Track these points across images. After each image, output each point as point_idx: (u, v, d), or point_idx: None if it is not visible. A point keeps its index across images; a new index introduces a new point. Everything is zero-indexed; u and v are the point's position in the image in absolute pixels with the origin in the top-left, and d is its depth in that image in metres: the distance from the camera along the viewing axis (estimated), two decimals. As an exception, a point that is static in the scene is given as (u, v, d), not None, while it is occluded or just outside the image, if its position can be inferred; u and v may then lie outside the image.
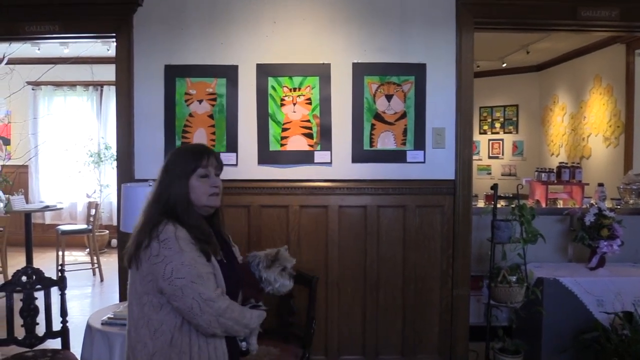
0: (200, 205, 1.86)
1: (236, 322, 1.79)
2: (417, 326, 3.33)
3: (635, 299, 3.31)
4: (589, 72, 6.43)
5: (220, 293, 1.77)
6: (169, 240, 1.72)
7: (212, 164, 1.89)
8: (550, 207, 3.97)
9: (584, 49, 6.47)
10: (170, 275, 1.70)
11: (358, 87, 3.23)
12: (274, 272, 1.98)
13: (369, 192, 3.25)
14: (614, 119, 5.80)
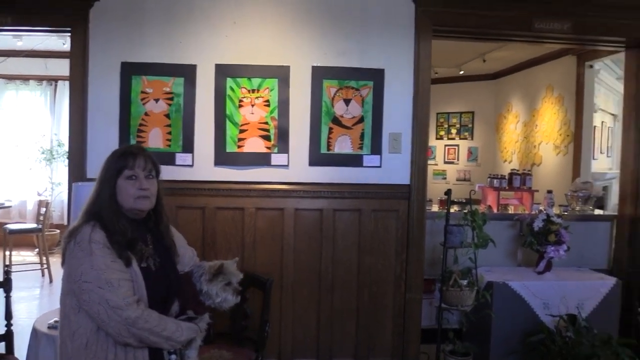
0: (128, 208, 1.82)
1: (153, 334, 1.72)
2: (370, 329, 3.36)
3: (579, 302, 3.43)
4: (542, 82, 6.65)
5: (134, 301, 1.71)
6: (82, 242, 1.69)
7: (139, 165, 1.84)
8: (501, 212, 4.09)
9: (537, 59, 6.68)
10: (79, 278, 1.67)
11: (317, 90, 3.24)
12: (216, 285, 1.90)
13: (326, 195, 3.26)
14: (564, 128, 6.01)
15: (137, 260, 1.78)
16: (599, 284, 3.51)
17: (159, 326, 1.74)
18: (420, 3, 3.26)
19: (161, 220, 1.96)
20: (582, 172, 5.66)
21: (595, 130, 6.25)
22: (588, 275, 3.67)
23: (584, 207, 4.12)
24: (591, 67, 5.81)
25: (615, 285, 3.51)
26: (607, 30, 3.51)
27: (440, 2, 3.27)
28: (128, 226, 1.80)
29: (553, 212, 3.69)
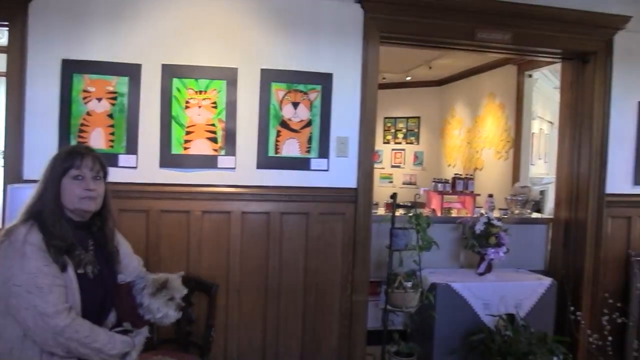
0: (72, 209, 1.76)
1: (82, 345, 1.65)
2: (317, 332, 3.37)
3: (517, 302, 3.57)
4: (484, 89, 6.88)
5: (65, 309, 1.63)
6: (16, 242, 1.63)
7: (87, 165, 1.79)
8: (444, 216, 4.20)
9: (480, 67, 6.91)
10: (9, 280, 1.60)
11: (265, 93, 3.23)
12: (158, 300, 1.82)
13: (273, 198, 3.25)
14: (505, 134, 6.24)
15: (75, 265, 1.71)
16: (535, 285, 3.66)
17: (90, 337, 1.67)
18: (369, 10, 3.30)
19: (106, 224, 1.89)
20: (521, 176, 5.89)
21: (534, 136, 6.52)
22: (526, 276, 3.82)
23: (522, 211, 4.28)
24: (530, 76, 6.06)
25: (551, 285, 3.67)
26: (545, 42, 3.67)
27: (388, 10, 3.32)
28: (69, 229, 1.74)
29: (493, 216, 3.82)
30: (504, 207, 4.42)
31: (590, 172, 3.77)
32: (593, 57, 3.75)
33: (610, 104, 3.76)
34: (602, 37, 3.72)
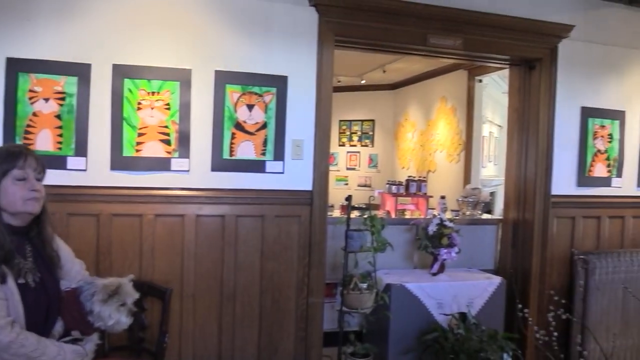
0: (15, 212, 1.66)
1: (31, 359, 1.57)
2: (273, 335, 3.36)
3: (469, 301, 3.67)
4: (436, 93, 7.03)
5: (8, 324, 1.55)
6: None
7: (30, 165, 1.70)
8: (398, 217, 4.27)
9: (432, 72, 7.06)
10: None
11: (219, 95, 3.20)
12: (110, 307, 1.74)
13: (228, 201, 3.22)
14: (456, 137, 6.40)
15: (14, 275, 1.61)
16: (486, 284, 3.77)
17: (38, 350, 1.59)
18: (323, 13, 3.33)
19: (44, 228, 1.79)
20: (472, 179, 6.06)
21: (484, 140, 6.72)
22: (477, 276, 3.93)
23: (473, 212, 4.40)
24: (480, 81, 6.25)
25: (501, 284, 3.79)
26: (494, 49, 3.78)
27: (342, 14, 3.35)
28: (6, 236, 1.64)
29: (446, 217, 3.91)
30: (456, 209, 4.53)
31: (537, 174, 3.91)
32: (539, 63, 3.90)
33: (555, 109, 3.92)
34: (547, 45, 3.88)
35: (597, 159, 4.08)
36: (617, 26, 4.10)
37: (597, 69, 4.05)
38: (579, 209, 4.05)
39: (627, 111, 4.18)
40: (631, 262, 3.97)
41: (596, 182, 4.10)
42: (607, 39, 4.07)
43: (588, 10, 3.99)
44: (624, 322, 3.94)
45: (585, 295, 3.85)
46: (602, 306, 3.87)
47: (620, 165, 4.17)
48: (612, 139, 4.12)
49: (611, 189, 4.16)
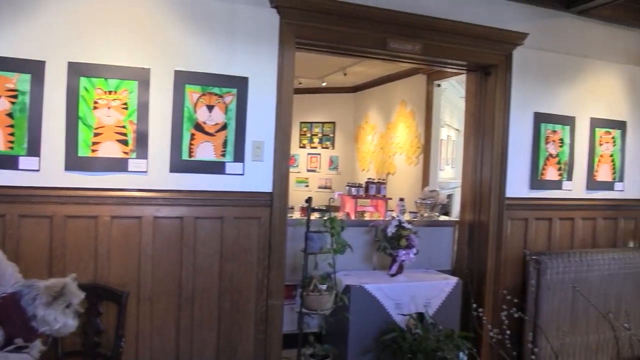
0: None
1: None
2: (232, 337, 3.34)
3: (426, 301, 3.73)
4: (396, 97, 7.13)
5: None
6: None
7: None
8: (358, 219, 4.30)
9: (392, 76, 7.16)
10: None
11: (178, 95, 3.16)
12: (55, 309, 1.66)
13: (187, 203, 3.18)
14: (415, 140, 6.50)
15: None
16: (443, 284, 3.84)
17: None
18: (285, 15, 3.33)
19: None
20: (430, 181, 6.17)
21: (442, 143, 6.85)
22: (434, 276, 4.00)
23: (431, 214, 4.48)
24: (439, 85, 6.37)
25: (457, 284, 3.87)
26: (451, 54, 3.87)
27: (303, 16, 3.37)
28: None
29: (404, 219, 3.97)
30: (414, 211, 4.60)
31: (492, 177, 4.03)
32: (494, 70, 4.01)
33: (510, 114, 4.04)
34: (503, 52, 3.99)
35: (549, 162, 4.23)
36: (568, 35, 4.27)
37: (549, 76, 4.20)
38: (531, 211, 4.19)
39: (577, 117, 4.34)
40: (580, 262, 4.12)
41: (548, 185, 4.24)
42: (559, 47, 4.23)
43: (541, 19, 4.13)
44: (573, 320, 4.09)
45: (537, 294, 3.98)
46: (553, 305, 4.01)
47: (570, 169, 4.33)
48: (563, 143, 4.28)
49: (562, 192, 4.31)
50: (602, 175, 4.48)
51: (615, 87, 4.52)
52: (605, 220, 4.52)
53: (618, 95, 4.54)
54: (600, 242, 4.49)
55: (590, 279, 4.15)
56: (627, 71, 4.55)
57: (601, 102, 4.45)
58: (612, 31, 4.46)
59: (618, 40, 4.51)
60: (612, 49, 4.48)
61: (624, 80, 4.55)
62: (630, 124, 4.59)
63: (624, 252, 4.38)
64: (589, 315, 4.07)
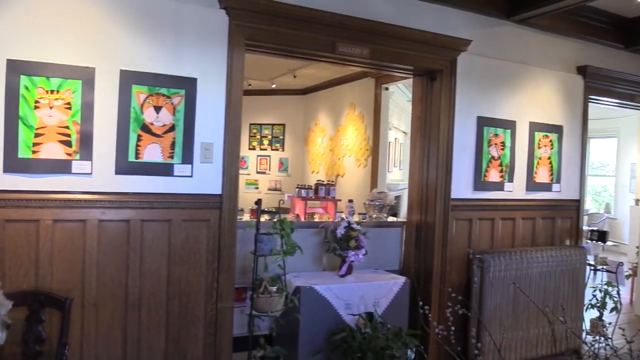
0: None
1: None
2: (181, 341, 3.29)
3: (375, 301, 3.80)
4: (345, 100, 7.22)
5: None
6: None
7: None
8: (308, 220, 4.33)
9: (342, 79, 7.24)
10: None
11: (125, 95, 3.09)
12: None
13: (133, 205, 3.11)
14: (364, 143, 6.60)
15: None
16: (391, 284, 3.92)
17: None
18: (234, 17, 3.32)
19: None
20: (378, 183, 6.28)
21: (390, 145, 6.99)
22: (383, 276, 4.08)
23: (379, 215, 4.56)
24: (387, 89, 6.49)
25: (405, 283, 3.96)
26: (399, 59, 3.96)
27: (253, 18, 3.36)
28: None
29: (353, 220, 4.03)
30: (363, 212, 4.67)
31: (438, 179, 4.14)
32: (439, 74, 4.13)
33: (454, 118, 4.17)
34: (448, 57, 4.12)
35: (492, 165, 4.39)
36: (509, 43, 4.45)
37: (492, 81, 4.37)
38: (475, 212, 4.34)
39: (518, 121, 4.53)
40: (521, 260, 4.30)
41: (491, 186, 4.40)
42: (500, 54, 4.40)
43: (484, 27, 4.30)
44: (515, 315, 4.26)
45: (481, 291, 4.12)
46: (496, 301, 4.16)
47: (511, 171, 4.51)
48: (504, 146, 4.45)
49: (504, 193, 4.49)
50: (540, 177, 4.69)
51: (552, 93, 4.74)
52: (544, 219, 4.74)
53: (555, 100, 4.77)
54: (539, 241, 4.70)
55: (530, 275, 4.34)
56: (563, 78, 4.79)
57: (539, 107, 4.67)
58: (549, 40, 4.69)
59: (554, 49, 4.74)
60: (549, 57, 4.71)
61: (560, 86, 4.78)
62: (566, 128, 4.83)
63: (561, 249, 4.60)
64: (529, 310, 4.25)
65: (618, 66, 5.09)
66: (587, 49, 4.91)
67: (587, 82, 4.89)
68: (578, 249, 4.73)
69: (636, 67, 5.23)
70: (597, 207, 11.90)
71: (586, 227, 7.19)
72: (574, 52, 4.85)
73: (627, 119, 9.68)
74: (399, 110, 7.66)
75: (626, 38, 5.01)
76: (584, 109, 4.93)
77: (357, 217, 4.50)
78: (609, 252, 8.60)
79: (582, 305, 4.71)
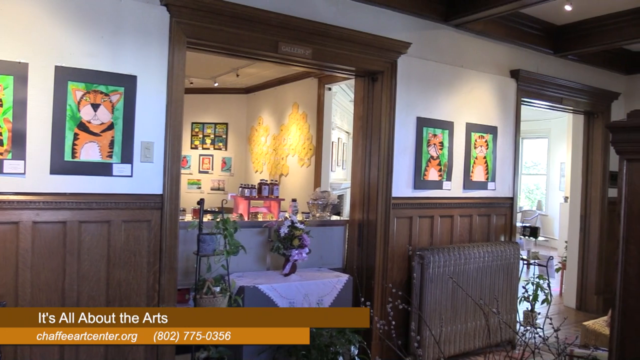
0: None
1: None
2: (121, 345, 3.20)
3: (319, 298, 3.85)
4: (289, 99, 7.23)
5: None
6: None
7: None
8: (251, 220, 4.32)
9: (285, 78, 7.25)
10: None
11: (60, 92, 2.98)
12: None
13: (70, 206, 3.01)
14: (307, 142, 6.64)
15: None
16: (335, 281, 3.98)
17: None
18: (175, 14, 3.27)
19: None
20: (322, 182, 6.33)
21: (333, 145, 7.07)
22: (326, 274, 4.12)
23: (322, 214, 4.61)
24: (330, 89, 6.56)
25: (348, 281, 4.02)
26: (341, 60, 4.02)
27: (195, 16, 3.33)
28: None
29: (297, 219, 4.05)
30: (307, 211, 4.71)
31: (379, 178, 4.23)
32: (380, 76, 4.22)
33: (395, 119, 4.27)
34: (388, 59, 4.22)
35: (431, 164, 4.53)
36: (447, 46, 4.61)
37: (430, 83, 4.51)
38: (415, 210, 4.46)
39: (455, 122, 4.70)
40: (459, 256, 4.46)
41: (430, 185, 4.54)
42: (438, 57, 4.55)
43: (423, 30, 4.42)
44: (453, 309, 4.41)
45: (421, 287, 4.24)
46: (436, 296, 4.30)
47: (449, 170, 4.67)
48: (443, 146, 4.60)
49: (442, 191, 4.64)
50: (477, 175, 4.88)
51: (487, 95, 4.95)
52: (480, 217, 4.93)
53: (490, 102, 4.97)
54: (476, 237, 4.90)
55: (467, 271, 4.51)
56: (497, 81, 5.00)
57: (475, 109, 4.86)
58: (484, 44, 4.89)
59: (489, 53, 4.95)
60: (484, 61, 4.90)
61: (494, 89, 4.99)
62: (500, 129, 5.04)
63: (496, 245, 4.80)
64: (467, 304, 4.41)
65: (548, 70, 5.38)
66: (520, 53, 5.16)
67: (520, 85, 5.14)
68: (512, 245, 4.95)
69: (564, 71, 5.54)
70: (531, 204, 12.49)
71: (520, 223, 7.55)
72: (507, 56, 5.08)
73: (557, 120, 10.23)
74: (342, 110, 7.76)
75: (555, 44, 5.30)
76: (516, 110, 5.17)
77: (301, 216, 4.53)
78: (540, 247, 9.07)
79: (516, 298, 4.94)
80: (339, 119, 7.62)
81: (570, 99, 5.68)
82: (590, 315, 5.62)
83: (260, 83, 7.94)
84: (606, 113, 6.08)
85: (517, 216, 5.37)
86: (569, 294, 6.42)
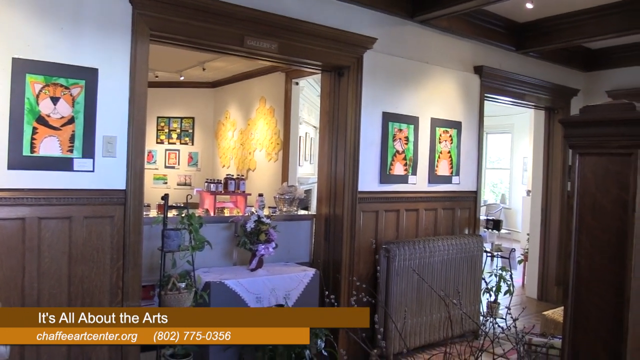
0: None
1: None
2: (84, 345, 3.14)
3: (286, 293, 3.86)
4: (256, 93, 7.20)
5: None
6: None
7: None
8: (218, 215, 4.30)
9: (252, 73, 7.21)
10: None
11: (18, 85, 2.90)
12: None
13: (29, 202, 2.94)
14: (275, 137, 6.63)
15: None
16: (302, 275, 3.99)
17: None
18: (138, 6, 3.21)
19: None
20: (289, 177, 6.33)
21: (301, 140, 7.06)
22: (293, 269, 4.14)
23: (289, 209, 4.61)
24: (297, 84, 6.55)
25: (315, 275, 4.05)
26: (307, 54, 4.02)
27: (158, 8, 3.27)
28: None
29: (263, 214, 4.04)
30: (274, 206, 4.70)
31: (346, 173, 4.26)
32: (347, 71, 4.24)
33: (361, 113, 4.30)
34: (354, 54, 4.24)
35: (397, 158, 4.58)
36: (412, 42, 4.66)
37: (396, 78, 4.55)
38: (381, 204, 4.51)
39: (420, 117, 4.75)
40: (424, 249, 4.53)
41: (396, 179, 4.59)
42: (404, 52, 4.59)
43: (389, 26, 4.46)
44: (419, 302, 4.49)
45: (387, 280, 4.30)
46: (401, 289, 4.36)
47: (415, 165, 4.73)
48: (408, 141, 4.66)
49: (408, 186, 4.70)
50: (442, 170, 4.96)
51: (451, 90, 5.02)
52: (445, 210, 5.02)
53: (454, 98, 5.05)
54: (441, 230, 4.98)
55: (432, 263, 4.59)
56: (461, 77, 5.08)
57: (440, 104, 4.93)
58: (449, 40, 4.96)
59: (454, 49, 5.02)
60: (448, 56, 4.97)
61: (459, 85, 5.07)
62: (464, 124, 5.13)
63: (460, 238, 4.89)
64: (432, 296, 4.49)
65: (510, 67, 5.49)
66: (484, 50, 5.25)
67: (483, 81, 5.23)
68: (476, 237, 5.05)
69: (526, 68, 5.67)
70: (495, 198, 12.75)
71: (484, 216, 7.70)
72: (471, 52, 5.16)
73: (519, 115, 10.45)
74: (309, 104, 7.75)
75: (517, 41, 5.42)
76: (480, 106, 5.26)
77: (268, 210, 4.52)
78: (504, 240, 9.28)
79: (480, 289, 5.05)
80: (306, 113, 7.62)
81: (531, 95, 5.82)
82: (551, 305, 5.78)
83: (227, 77, 7.88)
84: (566, 109, 6.25)
85: (482, 210, 5.48)
86: (531, 285, 6.60)
